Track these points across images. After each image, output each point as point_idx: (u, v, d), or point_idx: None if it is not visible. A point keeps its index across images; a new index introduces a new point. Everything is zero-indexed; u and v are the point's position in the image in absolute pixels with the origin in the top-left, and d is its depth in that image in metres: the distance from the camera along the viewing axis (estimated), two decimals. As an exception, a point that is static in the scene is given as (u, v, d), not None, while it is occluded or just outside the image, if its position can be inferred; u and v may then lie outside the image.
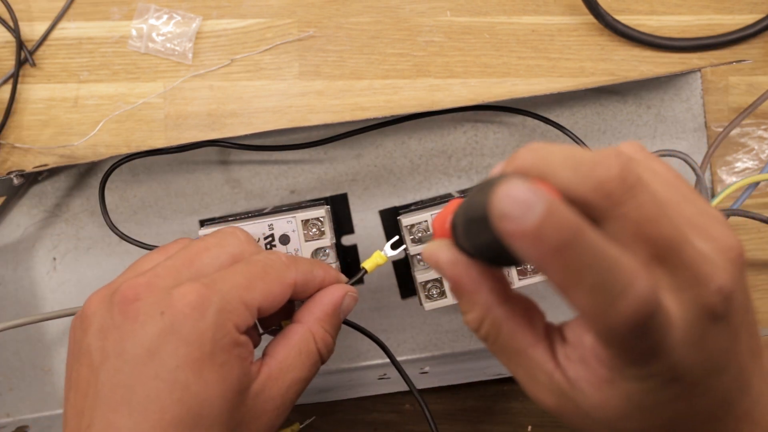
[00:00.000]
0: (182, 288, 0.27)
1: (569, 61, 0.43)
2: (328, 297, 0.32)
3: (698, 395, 0.21)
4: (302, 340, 0.30)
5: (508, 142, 0.43)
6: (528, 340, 0.23)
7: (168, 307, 0.26)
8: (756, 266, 0.43)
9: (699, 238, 0.20)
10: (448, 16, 0.43)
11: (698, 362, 0.20)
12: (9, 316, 0.41)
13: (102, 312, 0.27)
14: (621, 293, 0.18)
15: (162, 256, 0.30)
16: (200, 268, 0.28)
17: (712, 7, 0.44)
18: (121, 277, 0.29)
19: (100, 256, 0.42)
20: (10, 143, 0.42)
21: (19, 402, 0.42)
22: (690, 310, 0.20)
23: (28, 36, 0.42)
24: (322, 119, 0.42)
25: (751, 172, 0.43)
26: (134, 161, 0.41)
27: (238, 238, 0.31)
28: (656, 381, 0.20)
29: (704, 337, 0.20)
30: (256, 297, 0.28)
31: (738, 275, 0.21)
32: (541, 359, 0.23)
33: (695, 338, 0.20)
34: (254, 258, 0.29)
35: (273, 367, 0.29)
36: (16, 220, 0.42)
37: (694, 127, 0.43)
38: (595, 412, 0.22)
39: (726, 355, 0.21)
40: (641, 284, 0.18)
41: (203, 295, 0.26)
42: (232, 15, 0.42)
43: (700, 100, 0.43)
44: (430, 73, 0.43)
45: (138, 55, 0.42)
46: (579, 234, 0.17)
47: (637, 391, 0.21)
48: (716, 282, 0.20)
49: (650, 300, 0.18)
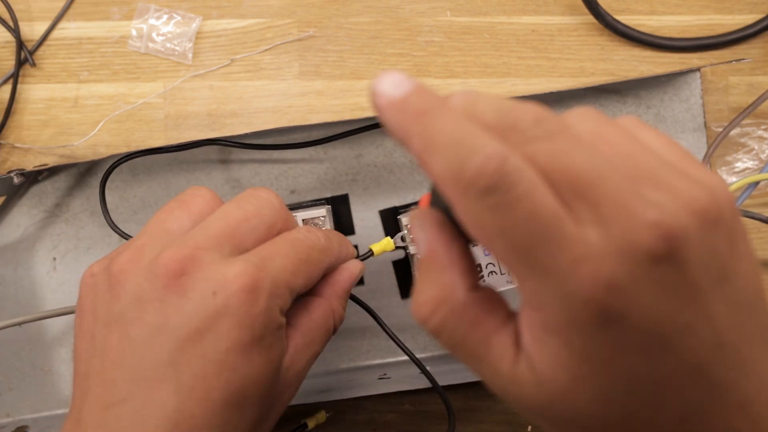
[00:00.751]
0: (235, 268, 0.26)
1: (569, 61, 0.43)
2: (347, 274, 0.32)
3: (654, 352, 0.19)
4: (324, 316, 0.30)
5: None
6: (490, 326, 0.21)
7: (221, 288, 0.25)
8: (756, 266, 0.43)
9: (651, 186, 0.19)
10: (448, 16, 0.43)
11: (639, 307, 0.18)
12: (9, 316, 0.41)
13: (139, 280, 0.26)
14: (472, 152, 0.18)
15: (186, 215, 0.29)
16: (241, 241, 0.28)
17: (712, 7, 0.44)
18: (148, 237, 0.28)
19: (101, 256, 0.42)
20: (10, 143, 0.42)
21: (19, 402, 0.42)
22: (612, 242, 0.18)
23: (28, 36, 0.42)
24: (322, 119, 0.42)
25: (751, 172, 0.43)
26: (134, 161, 0.41)
27: (273, 206, 0.29)
28: (591, 322, 0.18)
29: (640, 278, 0.18)
30: (299, 282, 0.28)
31: (696, 226, 0.18)
32: (504, 347, 0.21)
33: (625, 276, 0.18)
34: (298, 240, 0.29)
35: (299, 341, 0.29)
36: (16, 219, 0.42)
37: (694, 126, 0.43)
38: (551, 389, 0.20)
39: (684, 310, 0.18)
40: (493, 145, 0.18)
41: (257, 279, 0.26)
42: (232, 15, 0.42)
43: (699, 100, 0.43)
44: (430, 73, 0.43)
45: (138, 55, 0.42)
46: (439, 104, 0.20)
47: (578, 340, 0.19)
48: (650, 217, 0.18)
49: (500, 156, 0.18)
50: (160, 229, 0.28)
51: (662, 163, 0.20)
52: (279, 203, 0.30)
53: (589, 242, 0.18)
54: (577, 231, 0.18)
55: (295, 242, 0.29)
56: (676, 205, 0.18)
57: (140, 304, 0.26)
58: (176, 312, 0.25)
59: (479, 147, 0.18)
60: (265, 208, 0.29)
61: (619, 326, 0.18)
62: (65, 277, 0.42)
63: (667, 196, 0.18)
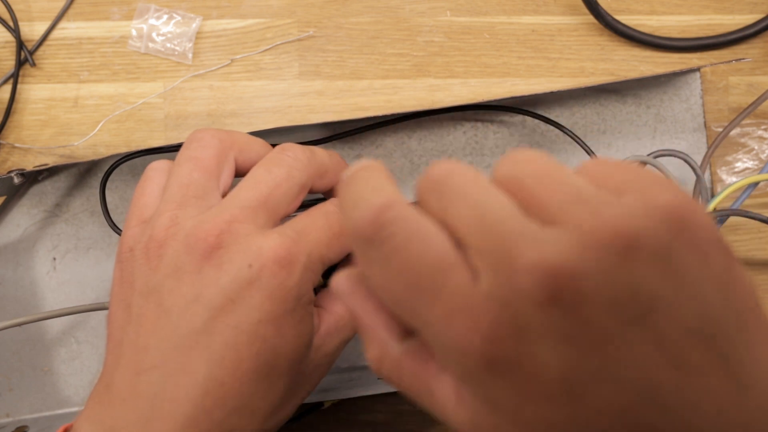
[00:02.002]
0: (270, 241, 0.26)
1: (569, 61, 0.43)
2: None
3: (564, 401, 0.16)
4: None
5: (508, 141, 0.43)
6: (429, 374, 0.20)
7: (256, 261, 0.26)
8: (756, 266, 0.43)
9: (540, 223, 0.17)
10: (448, 16, 0.43)
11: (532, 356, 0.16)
12: (9, 316, 0.41)
13: (177, 252, 0.26)
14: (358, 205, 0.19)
15: (206, 175, 0.29)
16: (275, 208, 0.28)
17: (712, 7, 0.44)
18: (177, 204, 0.28)
19: (101, 256, 0.42)
20: (10, 143, 0.42)
21: (19, 402, 0.42)
22: (496, 290, 0.17)
23: (28, 36, 0.42)
24: (322, 119, 0.42)
25: (750, 172, 0.43)
26: (134, 161, 0.41)
27: (302, 165, 0.30)
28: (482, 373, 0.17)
29: (527, 325, 0.16)
30: (332, 256, 0.28)
31: (595, 260, 0.16)
32: (445, 392, 0.20)
33: (509, 324, 0.16)
34: (332, 212, 0.29)
35: (331, 323, 0.29)
36: (16, 219, 0.42)
37: (694, 127, 0.43)
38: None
39: (587, 357, 0.16)
40: (379, 198, 0.18)
41: (293, 253, 0.26)
42: (232, 15, 0.42)
43: (699, 100, 0.43)
44: (430, 73, 0.43)
45: (138, 55, 0.42)
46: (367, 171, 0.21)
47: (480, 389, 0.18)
48: (529, 258, 0.16)
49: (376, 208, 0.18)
50: (186, 194, 0.28)
51: (569, 193, 0.18)
52: (307, 159, 0.30)
53: (469, 293, 0.17)
54: (460, 281, 0.17)
55: (329, 215, 0.29)
56: (565, 241, 0.16)
57: (177, 275, 0.26)
58: (212, 283, 0.26)
59: (367, 200, 0.19)
60: (294, 168, 0.29)
61: (516, 375, 0.17)
62: (65, 277, 0.42)
63: (557, 232, 0.17)
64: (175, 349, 0.25)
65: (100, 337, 0.42)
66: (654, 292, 0.16)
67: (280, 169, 0.29)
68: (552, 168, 0.19)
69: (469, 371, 0.17)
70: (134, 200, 0.31)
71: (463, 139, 0.43)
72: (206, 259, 0.26)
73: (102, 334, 0.41)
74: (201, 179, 0.29)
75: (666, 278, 0.16)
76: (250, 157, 0.31)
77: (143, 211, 0.30)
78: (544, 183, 0.18)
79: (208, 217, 0.27)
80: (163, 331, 0.26)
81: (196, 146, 0.30)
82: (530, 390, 0.17)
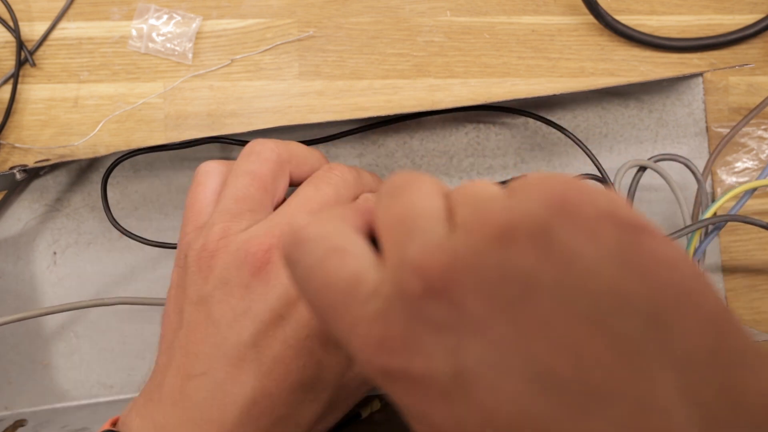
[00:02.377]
0: None
1: (569, 61, 0.43)
2: None
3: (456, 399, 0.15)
4: None
5: (510, 143, 0.43)
6: None
7: None
8: (756, 266, 0.43)
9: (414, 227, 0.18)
10: (448, 16, 0.43)
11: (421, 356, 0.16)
12: (9, 310, 0.42)
13: (227, 265, 0.27)
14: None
15: (258, 186, 0.29)
16: None
17: (712, 7, 0.44)
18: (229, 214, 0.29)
19: (101, 251, 0.42)
20: (10, 143, 0.42)
21: (18, 395, 0.42)
22: (392, 291, 0.17)
23: (28, 36, 0.42)
24: (322, 119, 0.42)
25: (750, 172, 0.43)
26: (136, 157, 0.41)
27: (349, 184, 0.30)
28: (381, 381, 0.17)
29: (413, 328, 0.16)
30: None
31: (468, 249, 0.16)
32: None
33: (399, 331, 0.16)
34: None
35: None
36: (17, 214, 0.42)
37: (696, 131, 0.43)
38: None
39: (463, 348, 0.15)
40: (301, 220, 0.20)
41: None
42: (232, 15, 0.42)
43: (702, 105, 0.43)
44: (430, 73, 0.43)
45: (138, 55, 0.42)
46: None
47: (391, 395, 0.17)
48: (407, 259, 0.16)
49: (293, 229, 0.20)
50: (241, 208, 0.29)
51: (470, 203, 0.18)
52: (354, 178, 0.31)
53: (370, 304, 0.17)
54: (362, 293, 0.17)
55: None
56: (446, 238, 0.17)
57: (227, 287, 0.27)
58: (260, 299, 0.26)
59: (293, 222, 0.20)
60: (341, 187, 0.30)
61: (411, 380, 0.16)
62: (65, 272, 0.42)
63: (447, 233, 0.17)
64: (223, 358, 0.26)
65: (99, 332, 0.42)
66: (530, 274, 0.15)
67: (329, 187, 0.30)
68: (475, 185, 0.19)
69: (376, 383, 0.17)
70: (188, 206, 0.32)
71: (465, 140, 0.43)
72: (255, 275, 0.27)
73: (101, 328, 0.42)
74: (257, 194, 0.30)
75: (547, 259, 0.15)
76: (305, 170, 0.32)
77: (198, 217, 0.31)
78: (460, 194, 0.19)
79: (259, 231, 0.28)
80: (213, 339, 0.27)
81: (255, 159, 0.31)
82: (428, 393, 0.16)
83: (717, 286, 0.43)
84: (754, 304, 0.43)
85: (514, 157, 0.43)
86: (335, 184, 0.30)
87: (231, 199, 0.30)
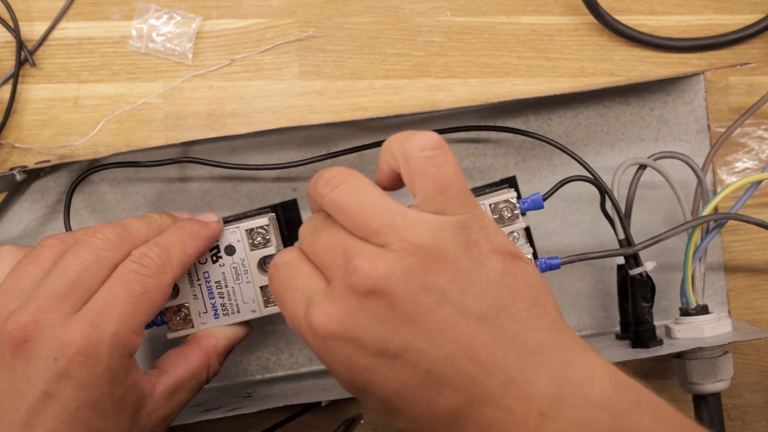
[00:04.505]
0: (72, 332, 0.27)
1: (569, 61, 0.43)
2: (232, 335, 0.34)
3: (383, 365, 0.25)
4: (199, 369, 0.32)
5: (511, 142, 0.43)
6: None
7: (61, 354, 0.26)
8: (757, 266, 0.43)
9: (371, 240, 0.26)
10: (448, 16, 0.43)
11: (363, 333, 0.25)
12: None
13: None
14: None
15: (38, 270, 0.29)
16: (84, 292, 0.28)
17: (712, 7, 0.44)
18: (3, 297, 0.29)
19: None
20: (10, 143, 0.42)
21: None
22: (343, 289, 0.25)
23: (28, 36, 0.42)
24: (322, 119, 0.42)
25: (750, 172, 0.43)
26: (136, 155, 0.41)
27: (113, 245, 0.30)
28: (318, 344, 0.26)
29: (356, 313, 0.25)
30: (142, 318, 0.29)
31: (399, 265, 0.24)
32: None
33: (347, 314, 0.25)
34: (130, 272, 0.29)
35: (168, 385, 0.30)
36: (18, 215, 0.42)
37: (697, 129, 0.43)
38: None
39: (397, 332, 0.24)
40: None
41: (93, 339, 0.27)
42: (232, 15, 0.42)
43: (703, 103, 0.43)
44: (430, 73, 0.43)
45: (138, 55, 0.42)
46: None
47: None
48: (357, 269, 0.24)
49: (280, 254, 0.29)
50: (14, 288, 0.29)
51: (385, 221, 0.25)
52: (119, 237, 0.30)
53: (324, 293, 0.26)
54: (317, 288, 0.26)
55: (127, 276, 0.29)
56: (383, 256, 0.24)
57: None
58: (23, 378, 0.27)
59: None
60: (104, 250, 0.29)
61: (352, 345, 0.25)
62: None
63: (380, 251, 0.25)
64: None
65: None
66: (443, 288, 0.24)
67: (89, 252, 0.29)
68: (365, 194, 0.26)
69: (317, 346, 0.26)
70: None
71: (466, 140, 0.43)
72: (14, 354, 0.27)
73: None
74: (35, 273, 0.29)
75: (454, 279, 0.24)
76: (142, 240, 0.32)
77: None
78: (365, 210, 0.26)
79: (18, 308, 0.28)
80: None
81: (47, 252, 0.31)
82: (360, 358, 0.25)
83: (718, 284, 0.43)
84: (754, 304, 0.43)
85: (515, 156, 0.43)
86: (96, 247, 0.29)
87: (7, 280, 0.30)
